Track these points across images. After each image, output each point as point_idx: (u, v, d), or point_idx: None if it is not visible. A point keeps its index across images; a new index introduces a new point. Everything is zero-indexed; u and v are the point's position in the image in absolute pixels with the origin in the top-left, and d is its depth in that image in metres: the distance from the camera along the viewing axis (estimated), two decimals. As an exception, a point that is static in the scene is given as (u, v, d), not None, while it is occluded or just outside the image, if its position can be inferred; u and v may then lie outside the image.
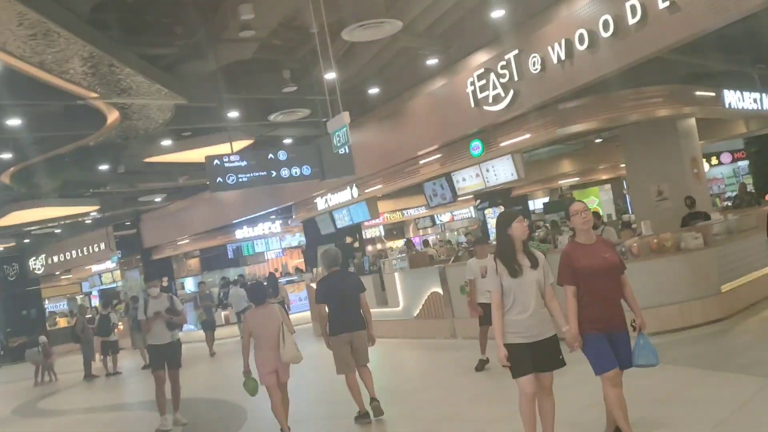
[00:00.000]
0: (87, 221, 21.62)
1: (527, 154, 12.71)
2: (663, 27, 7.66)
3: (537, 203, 24.53)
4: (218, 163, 10.20)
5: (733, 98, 12.30)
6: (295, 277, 21.29)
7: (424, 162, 13.11)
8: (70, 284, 30.21)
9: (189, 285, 25.04)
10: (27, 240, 24.23)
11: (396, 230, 29.92)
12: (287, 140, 15.09)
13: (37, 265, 25.99)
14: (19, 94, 9.33)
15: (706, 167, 18.83)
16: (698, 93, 11.60)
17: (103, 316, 15.64)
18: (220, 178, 10.18)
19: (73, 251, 24.18)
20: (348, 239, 18.89)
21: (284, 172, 10.59)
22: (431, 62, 11.32)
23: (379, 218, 22.03)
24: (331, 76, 8.85)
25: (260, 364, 6.55)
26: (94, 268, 27.05)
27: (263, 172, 10.49)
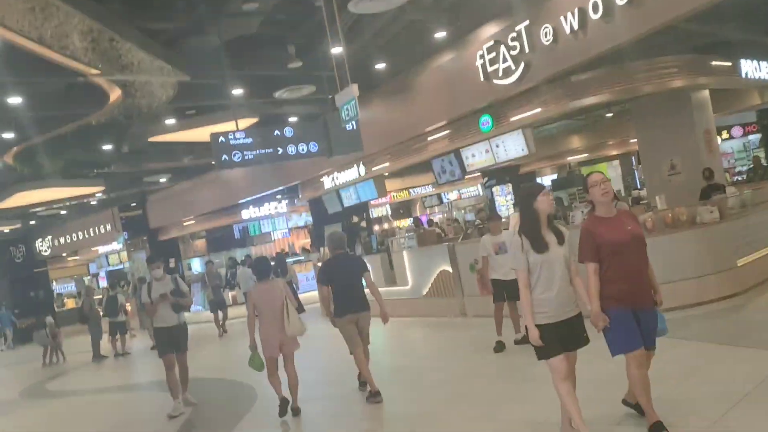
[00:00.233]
0: (92, 202, 21.56)
1: (536, 131, 12.48)
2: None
3: (545, 180, 24.28)
4: (223, 140, 10.01)
5: (750, 68, 11.97)
6: (302, 257, 21.23)
7: (432, 138, 12.88)
8: (77, 266, 30.27)
9: (196, 266, 25.03)
10: (33, 222, 24.21)
11: (403, 209, 29.80)
12: (293, 118, 14.91)
13: (43, 246, 25.96)
14: (20, 72, 9.17)
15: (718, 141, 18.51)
16: (714, 63, 11.26)
17: (110, 296, 15.64)
18: (226, 156, 9.99)
19: (80, 232, 24.12)
20: (355, 218, 18.77)
21: (291, 148, 10.39)
22: (439, 35, 11.04)
23: (386, 197, 21.86)
24: (338, 50, 8.64)
25: (264, 338, 6.64)
26: (101, 249, 27.05)
27: (269, 149, 10.29)
